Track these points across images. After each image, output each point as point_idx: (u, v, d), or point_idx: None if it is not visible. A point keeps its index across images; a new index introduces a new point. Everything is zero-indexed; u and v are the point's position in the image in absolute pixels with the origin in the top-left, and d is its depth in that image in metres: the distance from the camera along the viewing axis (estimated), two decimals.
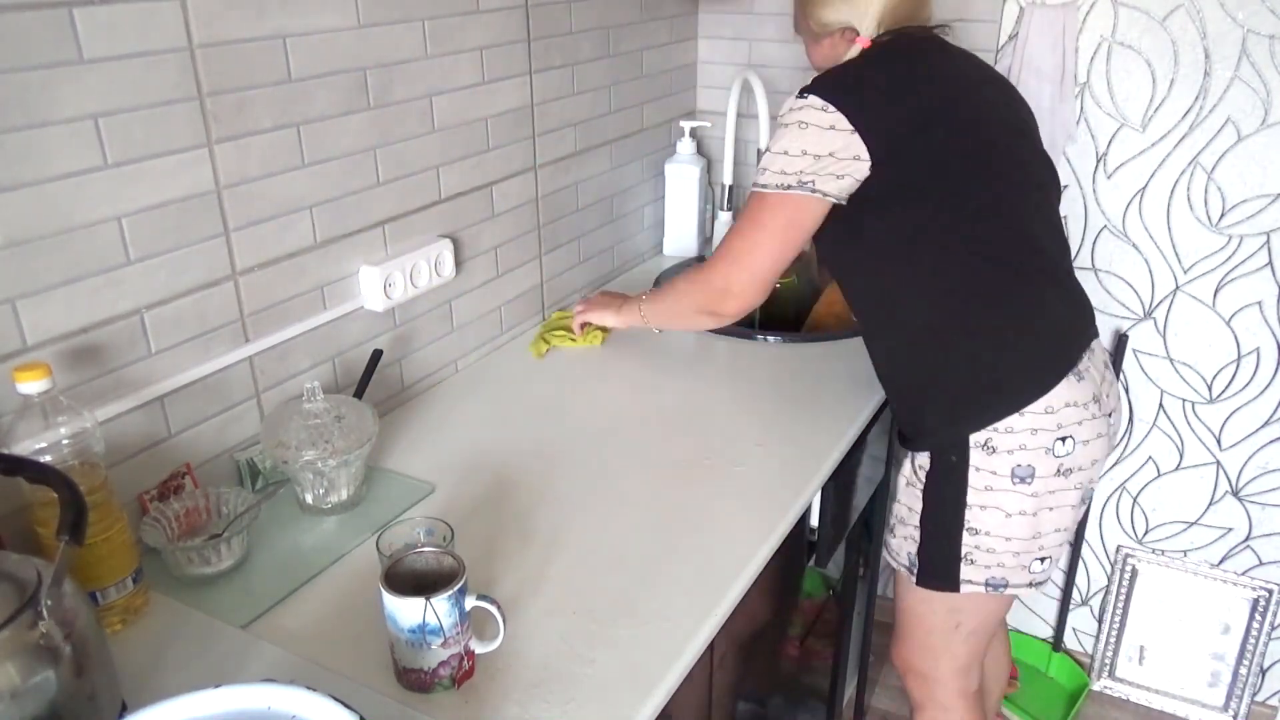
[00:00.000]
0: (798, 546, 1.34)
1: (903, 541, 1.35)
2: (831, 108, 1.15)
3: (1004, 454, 1.21)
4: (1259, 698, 2.05)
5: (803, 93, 1.18)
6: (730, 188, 2.01)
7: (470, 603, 0.86)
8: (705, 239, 2.08)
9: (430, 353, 1.47)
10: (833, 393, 1.45)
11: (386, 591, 0.84)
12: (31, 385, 0.86)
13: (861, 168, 1.15)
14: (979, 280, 1.21)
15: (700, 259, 2.03)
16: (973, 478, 1.23)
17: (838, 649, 1.73)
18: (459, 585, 0.85)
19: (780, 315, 1.98)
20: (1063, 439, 1.20)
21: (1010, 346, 1.22)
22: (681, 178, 2.00)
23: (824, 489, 1.30)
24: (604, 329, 1.62)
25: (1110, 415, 1.27)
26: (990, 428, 1.21)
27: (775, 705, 1.49)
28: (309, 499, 1.14)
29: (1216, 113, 1.70)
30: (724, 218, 2.01)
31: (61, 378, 0.95)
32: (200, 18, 1.02)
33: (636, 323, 1.48)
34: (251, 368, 1.18)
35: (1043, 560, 1.27)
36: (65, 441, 0.89)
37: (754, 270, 1.24)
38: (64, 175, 0.93)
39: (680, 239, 2.06)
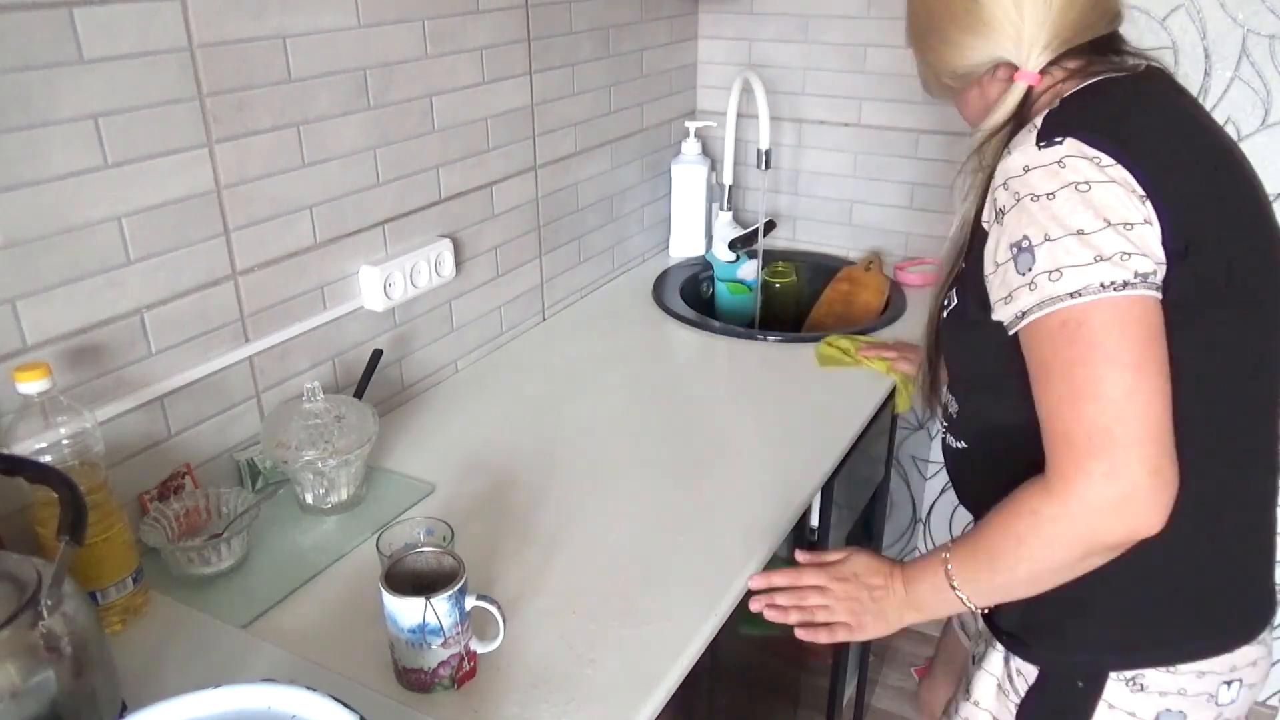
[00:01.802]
0: (798, 546, 1.34)
1: None
2: (1106, 158, 0.75)
3: (1155, 695, 0.86)
4: (1259, 698, 2.05)
5: (1046, 138, 0.77)
6: (731, 188, 2.01)
7: (470, 603, 0.86)
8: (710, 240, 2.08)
9: (430, 353, 1.47)
10: (833, 392, 1.45)
11: (386, 591, 0.84)
12: (31, 385, 0.86)
13: (1156, 253, 0.74)
14: (1246, 454, 0.84)
15: (707, 268, 2.03)
16: (1102, 715, 0.88)
17: (838, 649, 1.73)
18: (459, 585, 0.85)
19: (780, 315, 1.98)
20: (1229, 682, 0.88)
21: (1244, 562, 0.87)
22: (687, 178, 2.00)
23: (824, 489, 1.30)
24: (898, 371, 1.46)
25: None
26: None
27: (775, 705, 1.49)
28: (309, 499, 1.14)
29: (1216, 113, 1.70)
30: (724, 218, 2.01)
31: (61, 378, 0.95)
32: (200, 18, 1.02)
33: (939, 611, 0.91)
34: (251, 368, 1.18)
35: None
36: (65, 441, 0.89)
37: (1143, 438, 0.72)
38: (64, 175, 0.93)
39: (687, 240, 2.06)
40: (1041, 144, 0.77)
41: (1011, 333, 0.79)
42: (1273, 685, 2.03)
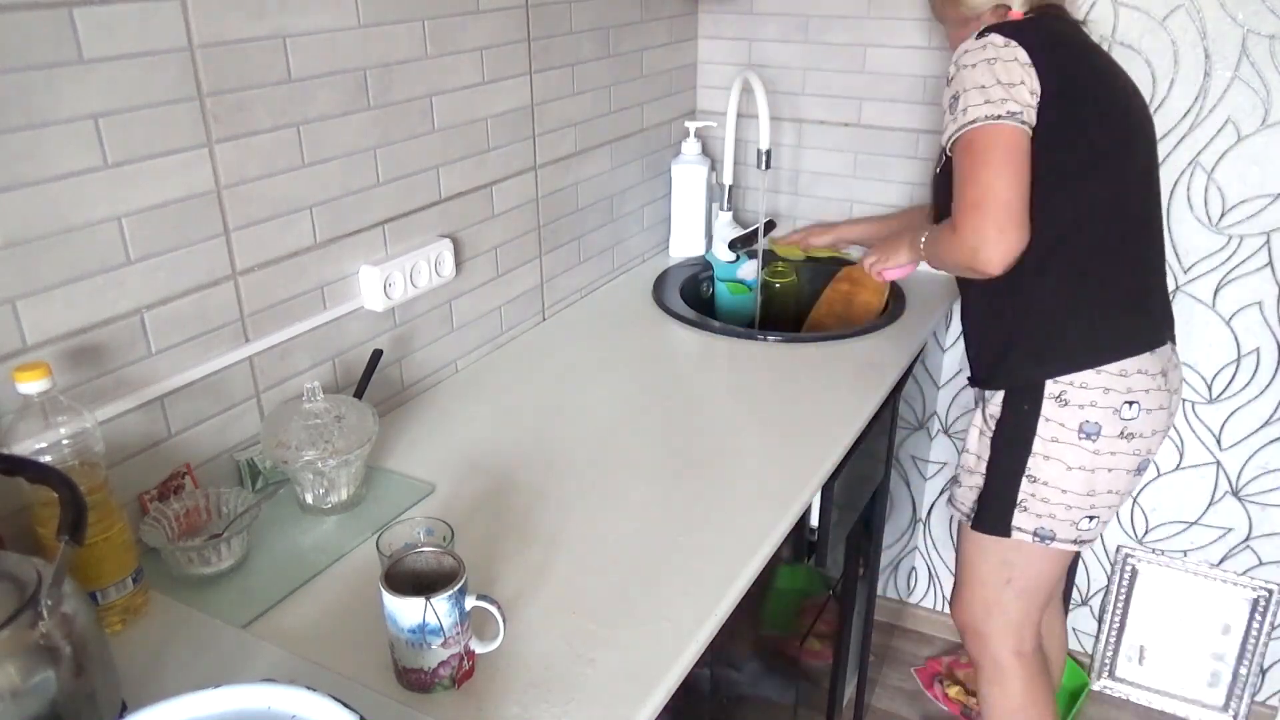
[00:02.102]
0: (798, 547, 1.34)
1: (967, 491, 1.47)
2: (1013, 42, 1.22)
3: (1075, 408, 1.31)
4: (1259, 698, 2.05)
5: (978, 35, 1.26)
6: (730, 188, 2.01)
7: (470, 603, 0.86)
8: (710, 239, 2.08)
9: (430, 353, 1.47)
10: (833, 393, 1.45)
11: (386, 591, 0.84)
12: (31, 385, 0.86)
13: (1034, 103, 1.22)
14: (1108, 236, 1.30)
15: (707, 268, 2.03)
16: (1041, 427, 1.33)
17: (838, 649, 1.73)
18: (459, 585, 0.85)
19: (780, 315, 1.98)
20: (1130, 403, 1.31)
21: (1113, 305, 1.31)
22: (687, 178, 2.00)
23: (824, 489, 1.30)
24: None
25: (1174, 393, 1.37)
26: (1067, 380, 1.31)
27: (775, 705, 1.49)
28: (309, 499, 1.14)
29: (1216, 113, 1.70)
30: (724, 218, 2.01)
31: (61, 378, 0.95)
32: (200, 18, 1.02)
33: (920, 258, 1.49)
34: (251, 368, 1.18)
35: (1091, 519, 1.37)
36: (65, 441, 0.89)
37: (999, 212, 1.21)
38: (64, 175, 0.93)
39: (687, 240, 2.06)
40: (976, 37, 1.25)
41: (949, 153, 1.28)
42: (1272, 685, 2.03)
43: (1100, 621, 2.14)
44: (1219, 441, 1.91)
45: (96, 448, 0.92)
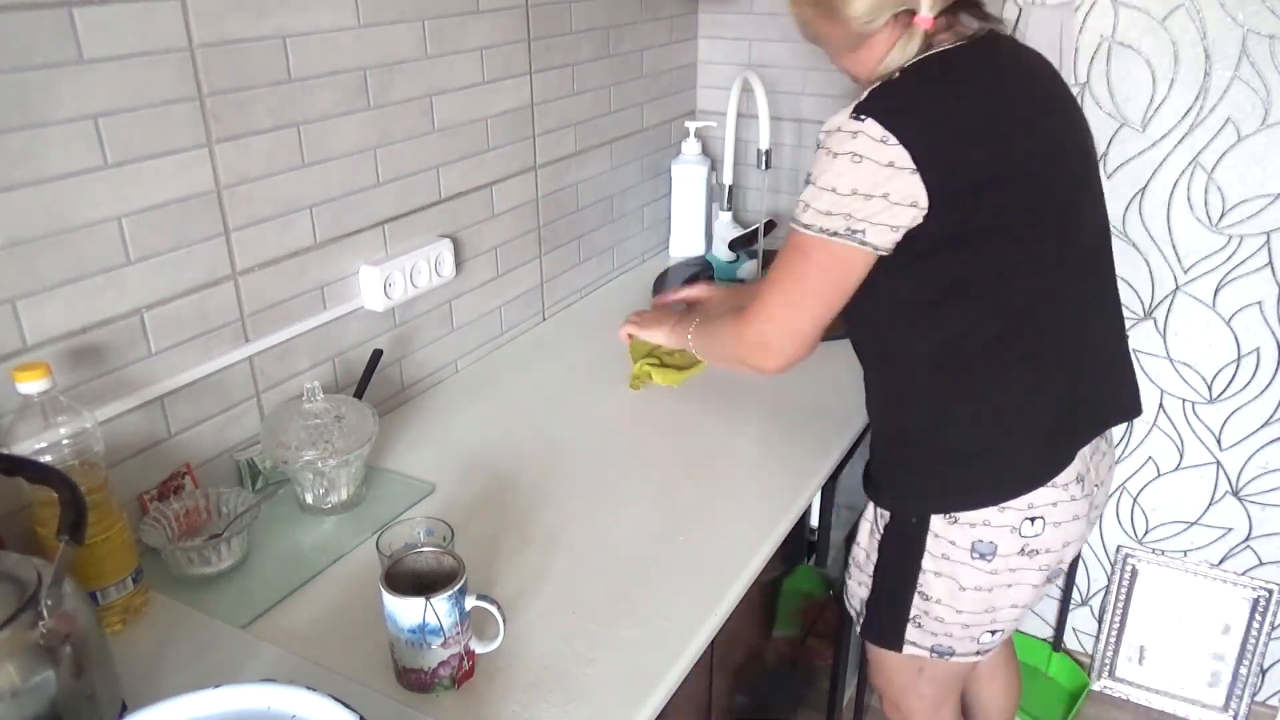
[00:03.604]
0: (798, 546, 1.34)
1: (857, 586, 1.28)
2: (893, 139, 0.95)
3: (965, 526, 1.12)
4: (1259, 698, 2.05)
5: (858, 113, 0.98)
6: (731, 188, 2.01)
7: (470, 603, 0.86)
8: (710, 239, 2.08)
9: (430, 353, 1.47)
10: (833, 392, 1.45)
11: (386, 591, 0.84)
12: (31, 385, 0.86)
13: (915, 215, 0.98)
14: (998, 357, 1.08)
15: (707, 268, 2.03)
16: (930, 543, 1.15)
17: (838, 649, 1.73)
18: (459, 585, 0.85)
19: None
20: (1032, 519, 1.11)
21: (1027, 433, 1.10)
22: (687, 178, 2.00)
23: (824, 489, 1.30)
24: (683, 368, 1.50)
25: (1094, 491, 1.18)
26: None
27: (775, 706, 1.49)
28: (309, 499, 1.14)
29: (1216, 113, 1.70)
30: (724, 218, 2.01)
31: (61, 378, 0.95)
32: (200, 18, 1.02)
33: (683, 346, 1.35)
34: (251, 368, 1.18)
35: (994, 633, 1.20)
36: (65, 441, 0.89)
37: (793, 329, 1.08)
38: (64, 175, 0.93)
39: (686, 240, 2.06)
40: (853, 115, 0.98)
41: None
42: (1272, 685, 2.03)
43: (1100, 621, 2.14)
44: (1219, 441, 1.91)
45: (96, 448, 0.92)
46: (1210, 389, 1.89)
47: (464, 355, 1.55)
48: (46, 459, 0.87)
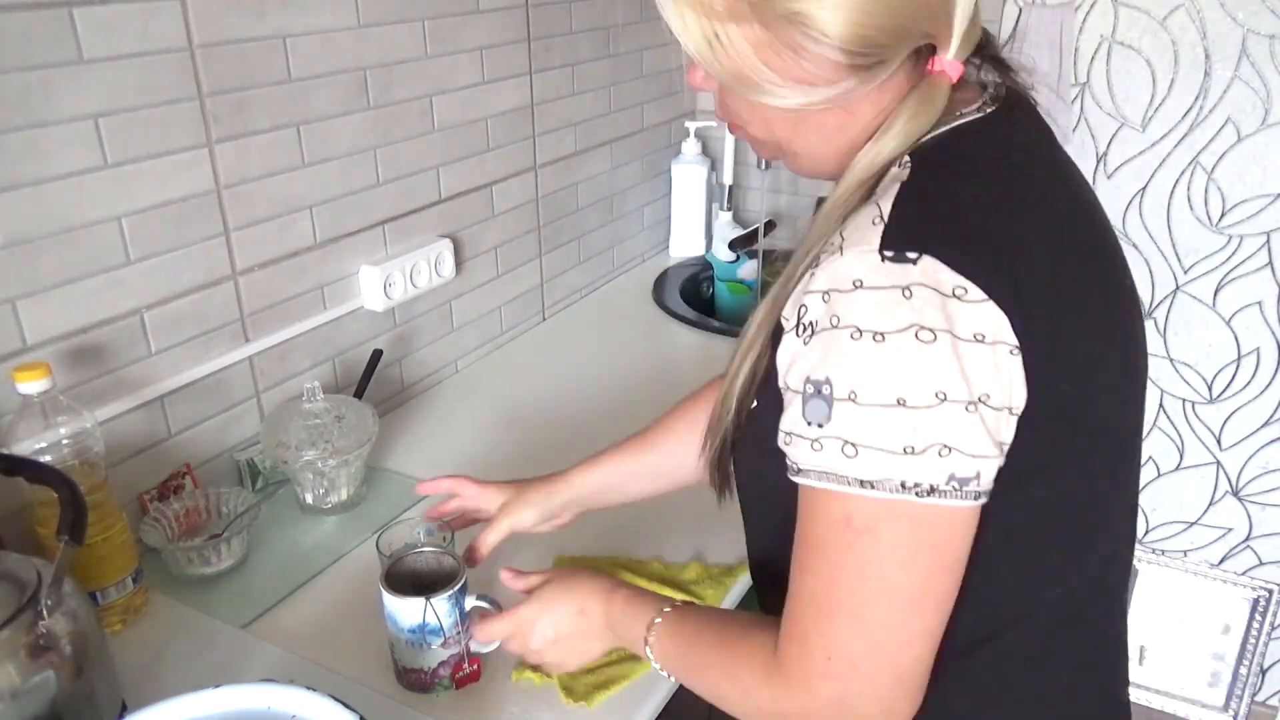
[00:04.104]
0: None
1: None
2: (974, 289, 0.54)
3: None
4: (1259, 698, 2.05)
5: (896, 247, 0.55)
6: (731, 188, 2.01)
7: (470, 603, 0.86)
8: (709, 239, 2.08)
9: (430, 353, 1.47)
10: None
11: (386, 591, 0.83)
12: (31, 385, 0.86)
13: (1011, 425, 0.56)
14: (1073, 598, 0.69)
15: (707, 267, 2.03)
16: None
17: None
18: (459, 585, 0.84)
19: None
20: None
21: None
22: (687, 178, 2.00)
23: None
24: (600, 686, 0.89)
25: None
26: None
27: None
28: (309, 499, 1.14)
29: (1216, 113, 1.70)
30: (724, 218, 2.01)
31: (61, 378, 0.95)
32: (200, 18, 1.02)
33: (635, 652, 0.77)
34: (251, 368, 1.18)
35: None
36: (65, 441, 0.89)
37: (890, 676, 0.59)
38: (64, 175, 0.93)
39: (686, 240, 2.06)
40: (888, 255, 0.54)
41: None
42: (1272, 685, 2.03)
43: None
44: (1219, 441, 1.91)
45: (96, 448, 0.92)
46: (1210, 389, 1.89)
47: (464, 355, 1.55)
48: (46, 459, 0.87)
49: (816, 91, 0.59)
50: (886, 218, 0.56)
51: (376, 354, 1.28)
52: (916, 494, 0.54)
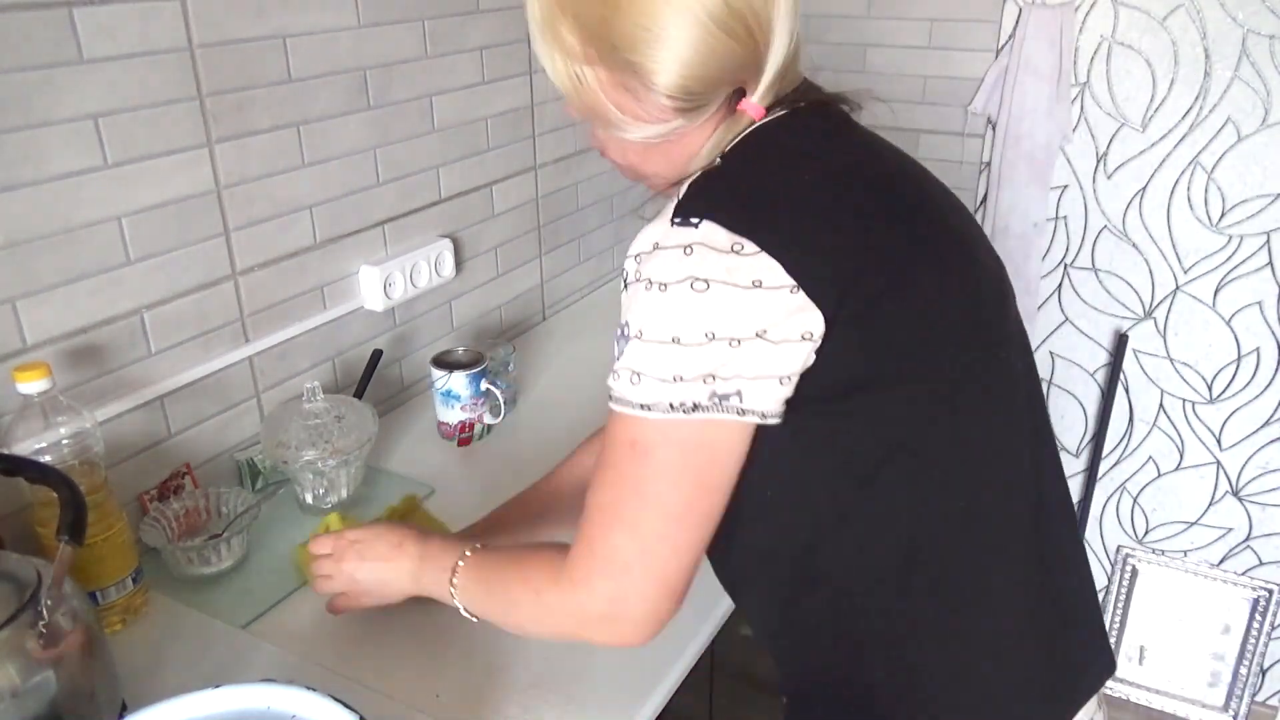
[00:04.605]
0: None
1: None
2: (749, 244, 0.64)
3: None
4: (1259, 698, 2.05)
5: (682, 215, 0.66)
6: None
7: (484, 385, 1.27)
8: None
9: (430, 353, 1.47)
10: None
11: (433, 366, 1.27)
12: (31, 385, 0.86)
13: (807, 352, 0.66)
14: (971, 563, 0.74)
15: None
16: None
17: None
18: (478, 370, 1.27)
19: None
20: None
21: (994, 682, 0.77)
22: None
23: None
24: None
25: None
26: None
27: (775, 705, 1.48)
28: (309, 499, 1.14)
29: (1217, 113, 1.70)
30: None
31: (61, 378, 0.95)
32: (200, 18, 1.02)
33: (442, 600, 0.84)
34: (251, 368, 1.18)
35: None
36: (65, 441, 0.89)
37: (655, 579, 0.69)
38: (64, 175, 0.93)
39: None
40: (676, 220, 0.66)
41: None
42: (1272, 685, 2.03)
43: None
44: (1219, 441, 1.91)
45: (96, 448, 0.92)
46: (1210, 389, 1.89)
47: None
48: (46, 459, 0.87)
49: (652, 128, 0.72)
50: (682, 194, 0.68)
51: (376, 354, 1.28)
52: (683, 411, 0.65)
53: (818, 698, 0.82)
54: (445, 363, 1.30)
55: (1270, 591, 1.96)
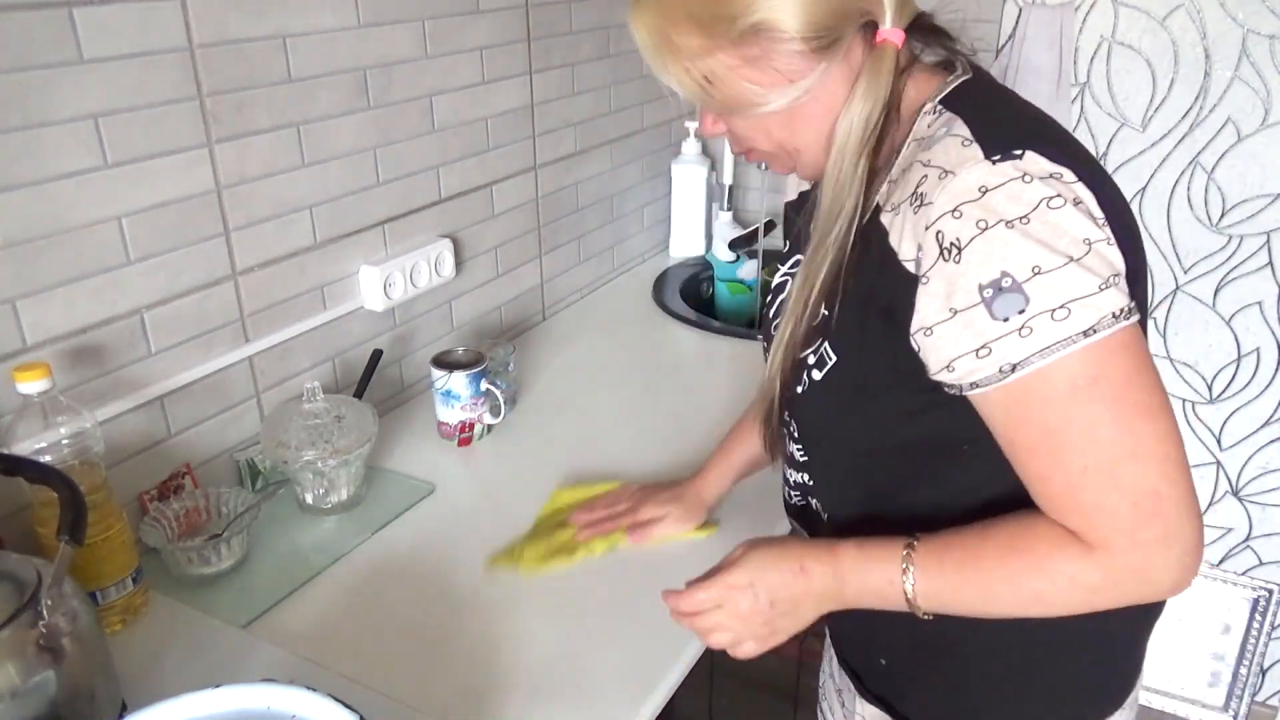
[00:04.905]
0: None
1: None
2: (1068, 173, 0.64)
3: None
4: (1259, 698, 2.05)
5: (1001, 150, 0.64)
6: (731, 188, 2.01)
7: (484, 385, 1.28)
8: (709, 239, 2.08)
9: (430, 353, 1.47)
10: None
11: (433, 366, 1.28)
12: (31, 385, 0.86)
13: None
14: None
15: (708, 268, 2.03)
16: None
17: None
18: (477, 370, 1.27)
19: None
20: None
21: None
22: (687, 178, 2.00)
23: None
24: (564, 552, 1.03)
25: None
26: None
27: (775, 705, 1.49)
28: (309, 499, 1.14)
29: (1216, 113, 1.70)
30: (724, 217, 2.01)
31: (61, 378, 0.95)
32: (200, 18, 1.02)
33: (866, 603, 0.76)
34: (251, 368, 1.18)
35: None
36: (65, 441, 0.89)
37: (1181, 506, 0.63)
38: (64, 175, 0.93)
39: (686, 240, 2.06)
40: (995, 158, 0.63)
41: (976, 392, 0.65)
42: (1272, 685, 2.03)
43: None
44: (1219, 441, 1.91)
45: (96, 448, 0.92)
46: (1210, 389, 1.89)
47: None
48: (46, 459, 0.87)
49: (795, 87, 0.69)
50: (973, 137, 0.65)
51: (376, 354, 1.28)
52: (1125, 317, 0.62)
53: (923, 656, 0.81)
54: (445, 363, 1.30)
55: (1270, 591, 1.96)
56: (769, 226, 2.04)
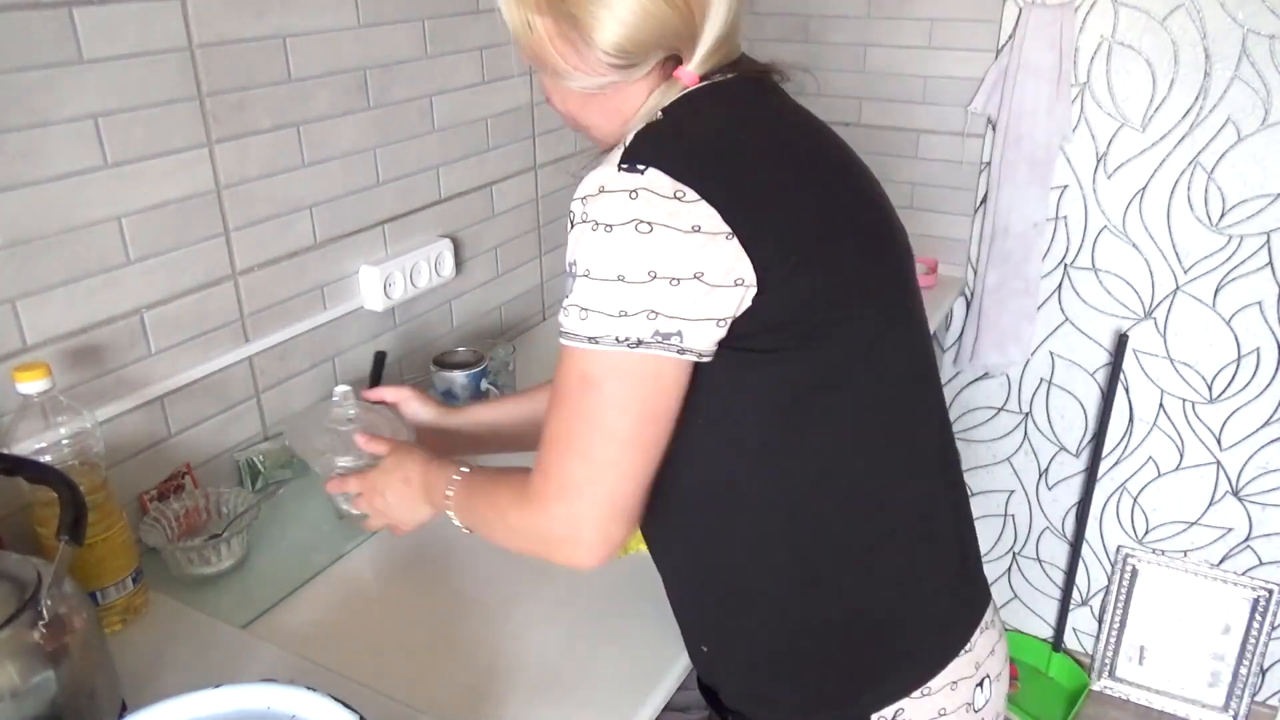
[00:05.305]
0: None
1: None
2: (690, 192, 0.69)
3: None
4: (1259, 698, 2.05)
5: (629, 162, 0.70)
6: None
7: (484, 385, 1.28)
8: None
9: (430, 353, 1.47)
10: None
11: (433, 366, 1.29)
12: (31, 385, 0.86)
13: (741, 297, 0.70)
14: (882, 476, 0.81)
15: None
16: None
17: None
18: (477, 370, 1.28)
19: None
20: (980, 684, 0.85)
21: (923, 593, 0.84)
22: None
23: None
24: None
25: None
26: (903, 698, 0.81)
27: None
28: (345, 505, 1.10)
29: (1216, 113, 1.70)
30: None
31: (61, 378, 0.95)
32: (200, 18, 1.02)
33: (438, 513, 0.91)
34: (251, 368, 1.18)
35: None
36: (65, 441, 0.89)
37: (608, 503, 0.74)
38: (64, 175, 0.93)
39: None
40: (623, 166, 0.70)
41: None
42: (1272, 685, 2.03)
43: (1100, 621, 2.14)
44: (1219, 441, 1.91)
45: (96, 448, 0.92)
46: (1210, 389, 1.89)
47: None
48: (46, 459, 0.87)
49: (589, 79, 0.77)
50: (627, 145, 0.72)
51: (381, 355, 1.27)
52: (628, 345, 0.69)
53: (740, 645, 0.85)
54: (445, 363, 1.30)
55: (1270, 591, 1.96)
56: None
